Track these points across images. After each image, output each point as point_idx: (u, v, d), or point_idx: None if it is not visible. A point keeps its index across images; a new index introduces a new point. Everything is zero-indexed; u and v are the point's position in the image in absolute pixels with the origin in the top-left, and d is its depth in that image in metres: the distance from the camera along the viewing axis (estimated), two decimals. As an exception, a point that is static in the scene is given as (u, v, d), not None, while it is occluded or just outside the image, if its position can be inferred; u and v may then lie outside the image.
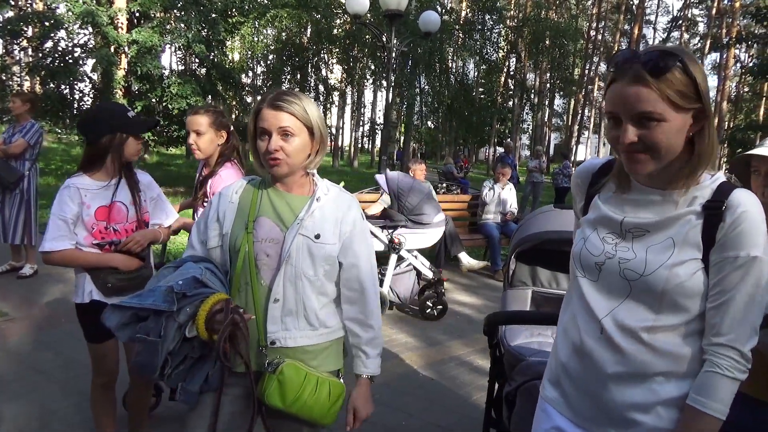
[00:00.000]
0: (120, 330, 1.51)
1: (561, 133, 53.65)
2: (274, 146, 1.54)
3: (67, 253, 2.21)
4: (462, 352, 4.28)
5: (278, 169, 1.58)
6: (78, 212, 2.23)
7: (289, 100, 1.57)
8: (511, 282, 2.36)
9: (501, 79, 23.86)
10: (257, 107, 1.59)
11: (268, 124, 1.55)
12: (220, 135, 2.67)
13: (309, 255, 1.59)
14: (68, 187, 2.22)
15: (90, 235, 2.28)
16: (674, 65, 1.06)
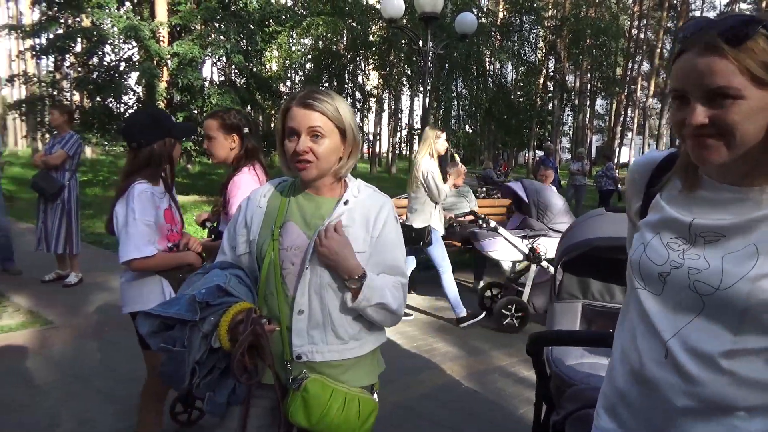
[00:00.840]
0: (150, 338, 1.46)
1: (603, 135, 52.41)
2: (303, 147, 1.45)
3: (157, 257, 2.24)
4: (506, 362, 4.11)
5: (306, 173, 1.48)
6: (155, 216, 2.26)
7: (320, 98, 1.47)
8: (558, 294, 2.18)
9: (540, 81, 23.44)
10: (286, 105, 1.50)
11: (296, 123, 1.45)
12: (231, 138, 2.58)
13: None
14: (145, 191, 2.23)
15: (164, 239, 2.32)
16: (756, 32, 0.86)
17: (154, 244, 2.24)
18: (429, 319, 5.11)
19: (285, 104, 1.50)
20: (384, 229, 1.54)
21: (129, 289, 2.36)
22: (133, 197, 2.20)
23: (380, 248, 1.54)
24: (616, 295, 2.11)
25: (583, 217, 2.16)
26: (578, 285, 2.15)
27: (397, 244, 1.58)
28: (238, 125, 2.52)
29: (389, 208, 1.58)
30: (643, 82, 37.59)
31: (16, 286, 5.49)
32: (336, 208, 1.52)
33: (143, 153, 2.28)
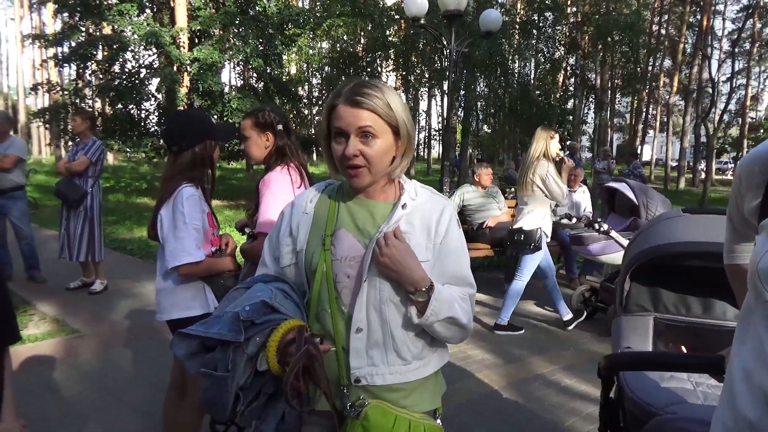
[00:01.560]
0: (188, 360, 1.32)
1: (623, 133, 51.53)
2: (353, 150, 1.29)
3: (205, 262, 2.20)
4: (546, 370, 3.93)
5: (358, 179, 1.33)
6: (202, 220, 2.22)
7: (369, 93, 1.30)
8: (625, 306, 1.98)
9: (560, 79, 23.05)
10: (332, 102, 1.33)
11: (345, 123, 1.29)
12: (265, 137, 2.43)
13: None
14: (193, 195, 2.18)
15: (208, 243, 2.28)
16: None
17: (201, 248, 2.19)
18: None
19: (330, 101, 1.34)
20: (447, 236, 1.38)
21: (170, 296, 2.26)
22: (182, 200, 2.14)
23: (444, 256, 1.37)
24: (692, 308, 1.90)
25: (655, 220, 1.95)
26: (649, 296, 1.94)
27: (462, 251, 1.42)
28: (272, 122, 2.40)
29: (451, 211, 1.41)
30: (665, 79, 36.86)
31: (41, 294, 5.45)
32: (393, 212, 1.37)
33: (184, 156, 2.22)
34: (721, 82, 36.02)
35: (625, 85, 22.52)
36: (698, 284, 1.89)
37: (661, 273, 1.91)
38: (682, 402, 1.61)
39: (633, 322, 1.93)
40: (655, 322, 1.92)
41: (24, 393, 3.37)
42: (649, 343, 1.90)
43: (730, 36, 41.91)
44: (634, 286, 1.95)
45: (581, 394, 3.55)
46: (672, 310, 1.92)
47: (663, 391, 1.67)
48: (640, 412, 1.63)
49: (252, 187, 7.75)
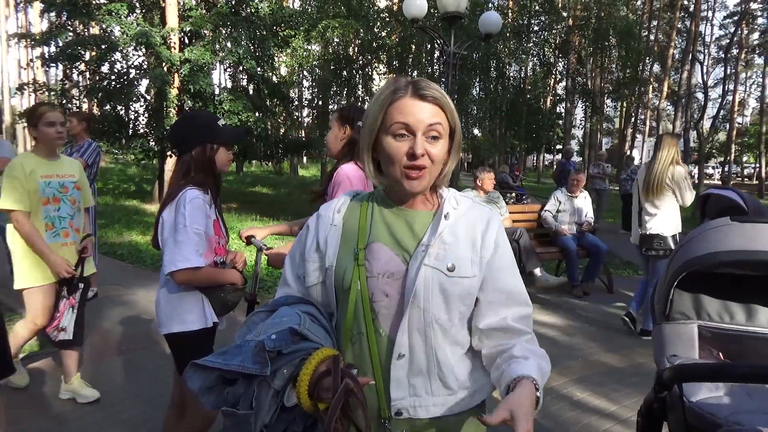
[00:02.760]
0: (204, 395, 1.16)
1: (612, 137, 51.85)
2: (422, 149, 1.15)
3: (204, 271, 2.07)
4: (557, 383, 3.80)
5: (418, 183, 1.18)
6: (205, 226, 2.11)
7: (434, 89, 1.18)
8: (668, 314, 1.88)
9: (551, 83, 23.06)
10: (392, 96, 1.17)
11: (413, 118, 1.15)
12: (343, 129, 2.46)
13: (441, 294, 1.18)
14: (197, 198, 2.07)
15: (211, 252, 2.17)
16: None
17: (203, 255, 2.06)
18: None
19: (386, 94, 1.18)
20: (498, 249, 1.24)
21: (166, 306, 2.12)
22: (184, 203, 2.04)
23: (498, 272, 1.23)
24: (736, 315, 1.82)
25: (702, 228, 1.85)
26: (691, 303, 1.85)
27: (513, 265, 1.28)
28: (353, 117, 2.40)
29: (498, 222, 1.27)
30: (654, 84, 37.14)
31: (28, 302, 5.23)
32: (437, 223, 1.22)
33: (182, 160, 2.15)
34: (709, 88, 36.32)
35: (615, 90, 22.58)
36: (741, 291, 1.83)
37: (704, 280, 1.82)
38: (743, 412, 1.53)
39: (677, 330, 1.85)
40: (699, 329, 1.84)
41: (9, 409, 3.18)
42: (696, 351, 1.83)
43: (718, 42, 42.43)
44: (677, 294, 1.87)
45: (596, 410, 3.42)
46: (715, 318, 1.85)
47: (723, 399, 1.60)
48: (702, 423, 1.55)
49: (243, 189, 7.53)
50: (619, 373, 4.02)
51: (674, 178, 4.52)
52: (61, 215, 3.16)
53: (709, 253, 1.72)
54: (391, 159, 1.17)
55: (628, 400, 3.54)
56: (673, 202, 4.63)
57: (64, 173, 3.21)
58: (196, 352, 1.76)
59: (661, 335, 1.89)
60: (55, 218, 3.13)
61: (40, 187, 3.05)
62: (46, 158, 3.14)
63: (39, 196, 3.04)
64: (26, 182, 3.00)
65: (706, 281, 1.82)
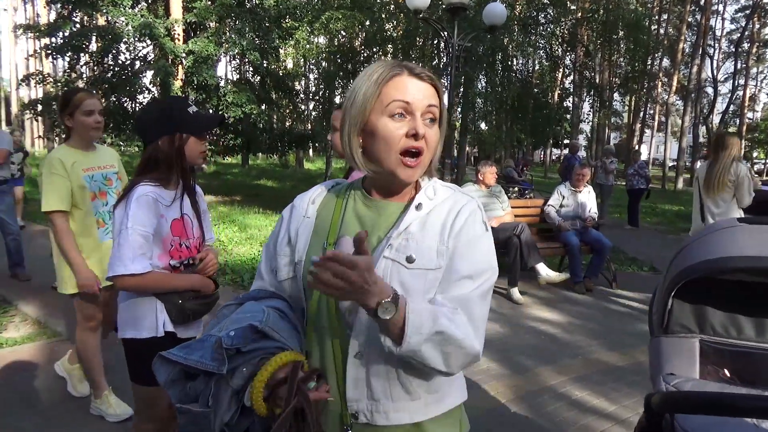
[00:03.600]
0: (170, 387, 1.11)
1: (621, 132, 51.37)
2: (423, 129, 1.07)
3: (150, 276, 1.86)
4: (555, 382, 3.72)
5: (413, 171, 1.10)
6: (156, 226, 1.91)
7: (427, 71, 1.12)
8: (666, 327, 1.74)
9: (558, 76, 22.79)
10: (388, 72, 1.08)
11: (412, 97, 1.07)
12: None
13: (401, 287, 1.07)
14: (145, 195, 1.88)
15: (166, 254, 1.96)
16: None
17: (150, 259, 1.88)
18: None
19: (381, 72, 1.08)
20: (463, 230, 1.11)
21: (124, 310, 1.98)
22: (130, 201, 1.85)
23: (455, 254, 1.10)
24: (744, 330, 1.66)
25: (706, 231, 1.69)
26: (693, 315, 1.70)
27: (479, 242, 1.12)
28: None
29: (472, 208, 1.14)
30: (663, 78, 36.72)
31: (24, 294, 5.20)
32: (405, 213, 1.13)
33: (148, 150, 1.94)
34: (719, 83, 35.90)
35: (623, 84, 22.29)
36: (751, 302, 1.66)
37: (707, 289, 1.67)
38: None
39: (676, 345, 1.69)
40: (701, 345, 1.69)
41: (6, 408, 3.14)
42: (696, 369, 1.66)
43: (729, 36, 41.86)
44: (676, 304, 1.71)
45: (594, 410, 3.34)
46: (720, 332, 1.68)
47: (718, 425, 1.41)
48: None
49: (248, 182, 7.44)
50: (619, 371, 3.93)
51: (739, 176, 4.47)
52: (110, 210, 2.88)
53: (713, 259, 1.57)
54: (388, 142, 1.07)
55: (628, 400, 3.46)
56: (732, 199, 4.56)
57: (105, 164, 2.93)
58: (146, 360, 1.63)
59: (657, 350, 1.75)
60: (105, 214, 2.89)
61: (86, 182, 2.80)
62: (83, 150, 2.86)
63: (87, 191, 2.80)
64: (69, 179, 2.75)
65: (711, 290, 1.67)
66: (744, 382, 1.65)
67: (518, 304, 5.59)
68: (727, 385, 1.62)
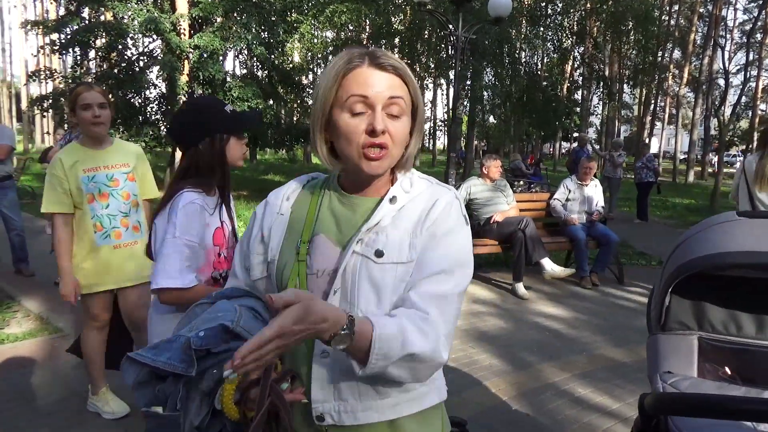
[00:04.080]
0: (138, 389, 1.06)
1: (631, 124, 50.91)
2: (383, 125, 1.00)
3: (197, 290, 1.71)
4: (558, 379, 3.66)
5: (378, 165, 1.03)
6: (203, 237, 1.80)
7: (393, 59, 1.04)
8: (664, 323, 1.69)
9: (567, 69, 22.55)
10: (347, 66, 1.02)
11: (372, 90, 1.00)
12: None
13: (370, 283, 1.03)
14: (192, 202, 1.77)
15: (209, 265, 1.84)
16: None
17: (195, 272, 1.76)
18: (468, 325, 4.67)
19: (339, 64, 1.03)
20: (438, 223, 1.06)
21: (159, 324, 1.84)
22: (176, 209, 1.74)
23: (428, 249, 1.05)
24: (744, 326, 1.60)
25: (703, 225, 1.63)
26: (692, 312, 1.65)
27: (455, 235, 1.07)
28: None
29: (449, 200, 1.09)
30: (674, 70, 36.29)
31: (28, 289, 5.21)
32: (377, 207, 1.08)
33: (187, 156, 1.84)
34: (731, 74, 35.44)
35: (633, 76, 22.01)
36: (752, 298, 1.60)
37: (707, 285, 1.62)
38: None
39: (674, 342, 1.64)
40: (700, 342, 1.63)
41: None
42: (694, 367, 1.62)
43: (741, 27, 41.28)
44: (675, 300, 1.66)
45: (597, 407, 3.28)
46: (720, 329, 1.63)
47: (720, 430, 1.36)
48: None
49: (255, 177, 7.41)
50: (624, 368, 3.87)
51: None
52: (111, 213, 2.73)
53: (712, 254, 1.51)
54: (348, 138, 1.02)
55: (632, 398, 3.40)
56: None
57: (113, 163, 2.75)
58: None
59: (655, 348, 1.70)
60: (103, 217, 2.71)
61: (83, 183, 2.66)
62: (91, 148, 2.72)
63: (84, 193, 2.66)
64: (67, 180, 2.64)
65: (710, 286, 1.62)
66: (744, 381, 1.59)
67: (523, 299, 5.53)
68: (725, 383, 1.57)
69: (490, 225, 5.83)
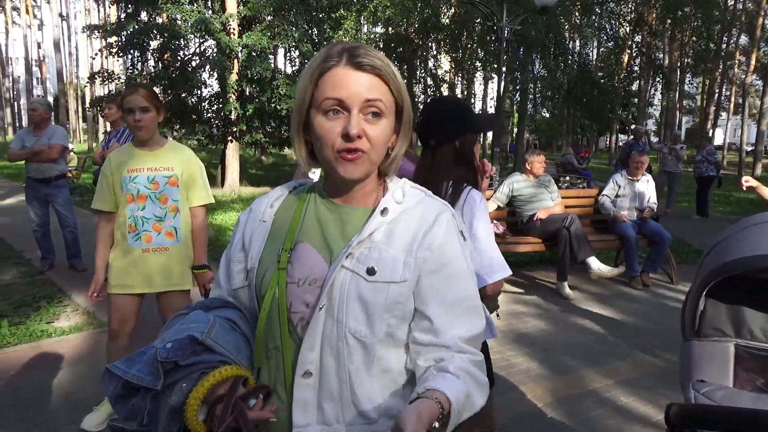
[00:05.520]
0: (117, 403, 1.02)
1: (693, 115, 48.63)
2: (358, 129, 0.94)
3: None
4: (600, 385, 3.49)
5: (355, 168, 0.97)
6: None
7: (375, 56, 0.97)
8: (698, 329, 1.56)
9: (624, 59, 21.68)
10: (322, 65, 0.97)
11: (347, 92, 0.94)
12: None
13: (359, 302, 0.97)
14: (483, 198, 1.90)
15: None
16: None
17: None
18: (507, 326, 4.52)
19: (318, 64, 0.97)
20: (444, 250, 1.01)
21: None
22: (475, 206, 1.84)
23: (441, 280, 1.01)
24: None
25: (740, 226, 1.50)
26: (728, 317, 1.50)
27: (465, 270, 1.04)
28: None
29: (448, 219, 1.04)
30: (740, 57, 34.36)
31: (79, 284, 5.40)
32: (369, 219, 1.01)
33: (443, 152, 1.93)
34: (805, 59, 33.23)
35: (696, 64, 20.92)
36: None
37: (745, 289, 1.47)
38: None
39: (708, 349, 1.51)
40: (737, 350, 1.49)
41: (37, 393, 3.25)
42: (730, 377, 1.48)
43: (817, 9, 38.63)
44: (710, 305, 1.52)
45: (641, 418, 3.10)
46: (759, 337, 1.48)
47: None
48: None
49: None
50: (672, 376, 3.62)
51: None
52: (146, 216, 2.70)
53: (751, 256, 1.37)
54: (323, 141, 0.96)
55: (679, 408, 3.19)
56: None
57: (158, 166, 2.72)
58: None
59: (688, 354, 1.56)
60: (137, 218, 2.69)
61: (123, 183, 2.68)
62: (142, 149, 2.74)
63: (123, 192, 2.68)
64: (111, 178, 2.70)
65: (748, 290, 1.47)
66: None
67: (567, 299, 5.32)
68: (764, 395, 1.42)
69: (534, 222, 5.64)
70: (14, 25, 52.98)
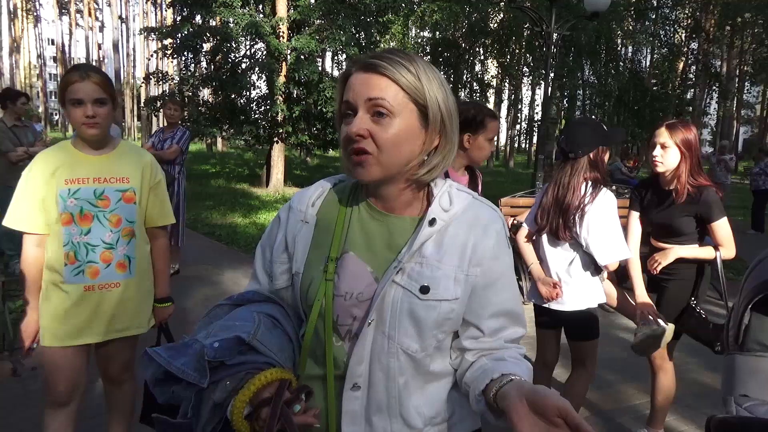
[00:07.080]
0: (155, 387, 1.06)
1: (752, 125, 46.65)
2: (358, 128, 0.93)
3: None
4: (639, 401, 3.39)
5: (362, 170, 0.95)
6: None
7: (393, 59, 0.95)
8: (742, 343, 1.50)
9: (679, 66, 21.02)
10: (344, 74, 1.00)
11: (353, 94, 0.95)
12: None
13: (411, 319, 0.97)
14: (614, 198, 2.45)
15: None
16: None
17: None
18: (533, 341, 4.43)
19: (342, 74, 1.01)
20: (496, 263, 1.02)
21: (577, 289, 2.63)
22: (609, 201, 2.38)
23: (491, 294, 1.02)
24: None
25: None
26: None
27: (511, 282, 1.06)
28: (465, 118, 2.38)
29: (498, 229, 1.02)
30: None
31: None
32: (418, 231, 1.00)
33: (580, 163, 2.40)
34: None
35: (756, 72, 20.07)
36: None
37: None
38: None
39: (752, 364, 1.45)
40: None
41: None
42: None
43: None
44: (755, 319, 1.46)
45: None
46: None
47: None
48: None
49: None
50: (715, 395, 3.51)
51: None
52: (91, 242, 1.97)
53: None
54: (341, 146, 0.99)
55: (723, 429, 3.07)
56: None
57: (108, 176, 1.99)
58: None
59: (731, 368, 1.50)
60: (78, 246, 1.95)
61: (60, 198, 1.93)
62: (84, 151, 2.00)
63: (60, 210, 1.94)
64: (42, 188, 1.93)
65: None
66: None
67: (610, 311, 5.19)
68: None
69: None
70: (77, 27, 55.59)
